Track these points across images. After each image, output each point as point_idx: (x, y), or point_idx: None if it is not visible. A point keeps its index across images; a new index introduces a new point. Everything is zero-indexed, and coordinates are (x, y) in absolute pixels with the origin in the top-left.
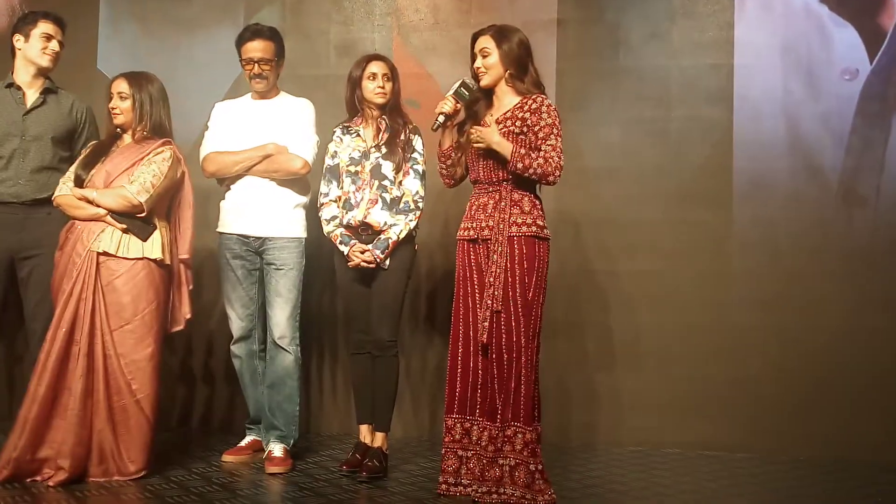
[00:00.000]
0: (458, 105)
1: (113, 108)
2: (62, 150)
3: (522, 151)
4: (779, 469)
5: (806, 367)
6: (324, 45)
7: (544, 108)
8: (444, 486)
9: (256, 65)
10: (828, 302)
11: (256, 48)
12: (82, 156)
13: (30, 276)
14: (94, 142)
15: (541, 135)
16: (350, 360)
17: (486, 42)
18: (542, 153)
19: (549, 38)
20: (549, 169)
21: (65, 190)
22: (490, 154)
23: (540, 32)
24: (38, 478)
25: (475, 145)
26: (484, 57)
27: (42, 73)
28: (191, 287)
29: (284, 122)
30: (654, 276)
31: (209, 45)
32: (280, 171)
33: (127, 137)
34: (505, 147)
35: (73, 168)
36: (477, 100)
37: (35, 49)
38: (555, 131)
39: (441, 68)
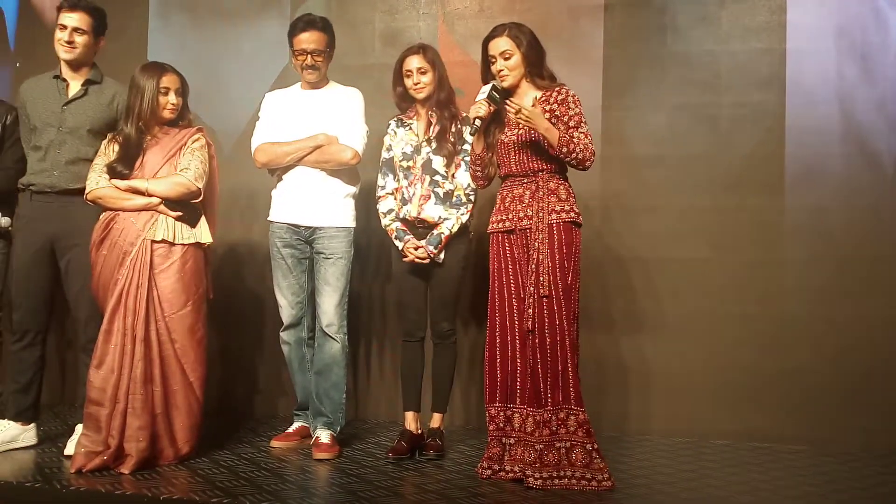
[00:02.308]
0: (492, 108)
1: (173, 105)
2: (101, 142)
3: (566, 137)
4: (830, 461)
5: (858, 357)
6: (369, 35)
7: (570, 99)
8: (488, 472)
9: (309, 56)
10: (881, 290)
11: (310, 39)
12: (114, 151)
13: (69, 265)
14: (117, 135)
15: (571, 124)
16: (401, 347)
17: (506, 45)
18: (578, 140)
19: (595, 24)
20: (587, 155)
21: (102, 183)
22: (524, 146)
23: (586, 18)
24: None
25: (526, 121)
26: (506, 59)
27: (70, 65)
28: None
29: (334, 112)
30: (703, 265)
31: (256, 35)
32: (331, 161)
33: (156, 130)
34: (553, 131)
35: (100, 162)
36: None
37: (55, 40)
38: (583, 120)
39: None
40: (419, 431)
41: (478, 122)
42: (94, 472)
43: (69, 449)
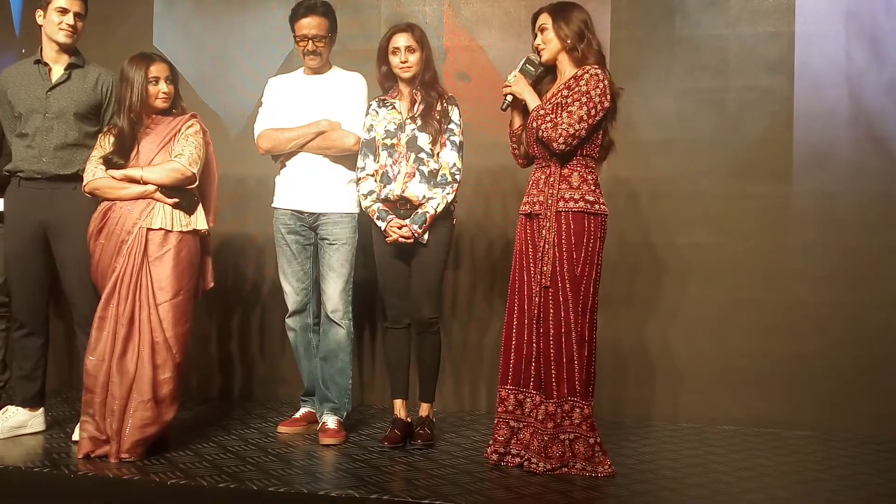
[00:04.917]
0: (528, 81)
1: (165, 93)
2: (88, 126)
3: (542, 112)
4: (836, 447)
5: (865, 343)
6: (375, 19)
7: (586, 76)
8: (494, 456)
9: (311, 42)
10: (889, 277)
11: (310, 25)
12: (110, 143)
13: (63, 253)
14: (112, 128)
15: (569, 100)
16: (385, 334)
17: (544, 18)
18: (559, 117)
19: (603, 8)
20: (554, 134)
21: (99, 174)
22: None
23: (594, 2)
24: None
25: (503, 89)
26: (542, 32)
27: (64, 48)
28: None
29: (337, 98)
30: (711, 250)
31: (261, 20)
32: (333, 147)
33: (149, 120)
34: (532, 104)
35: (97, 154)
36: (542, 77)
37: (52, 24)
38: (583, 99)
39: (492, 41)
40: (409, 419)
41: (509, 98)
42: (102, 458)
43: (77, 434)
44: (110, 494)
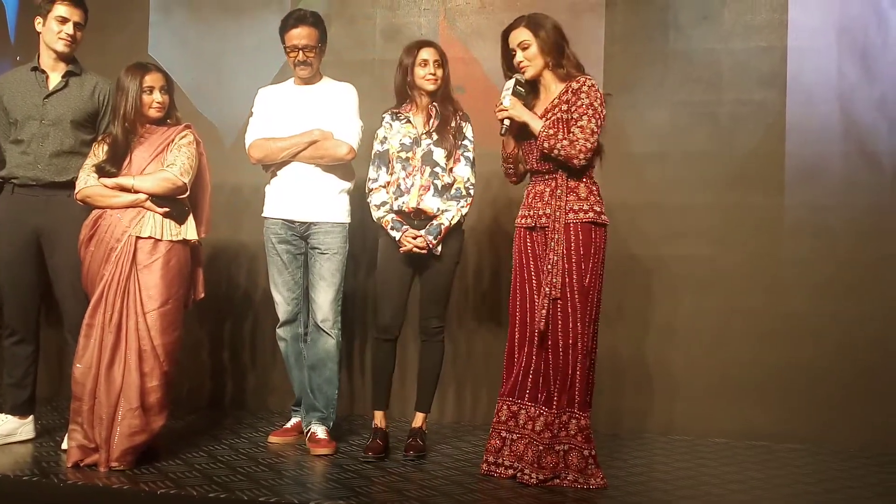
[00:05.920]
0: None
1: (159, 103)
2: (84, 134)
3: (551, 131)
4: (825, 460)
5: (859, 355)
6: (370, 30)
7: (584, 89)
8: (483, 465)
9: (301, 52)
10: (882, 288)
11: (300, 35)
12: (103, 152)
13: (56, 261)
14: (106, 136)
15: (575, 115)
16: (374, 345)
17: (523, 35)
18: (571, 134)
19: (597, 21)
20: (573, 151)
21: (91, 182)
22: (529, 135)
23: (588, 14)
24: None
25: (499, 114)
26: (524, 49)
27: (61, 57)
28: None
29: (328, 108)
30: (704, 262)
31: (257, 29)
32: (325, 157)
33: (143, 129)
34: (536, 124)
35: (90, 163)
36: (528, 94)
37: (51, 33)
38: (590, 112)
39: (487, 53)
40: (388, 429)
41: (507, 122)
42: (91, 467)
43: (66, 443)
44: (100, 503)
